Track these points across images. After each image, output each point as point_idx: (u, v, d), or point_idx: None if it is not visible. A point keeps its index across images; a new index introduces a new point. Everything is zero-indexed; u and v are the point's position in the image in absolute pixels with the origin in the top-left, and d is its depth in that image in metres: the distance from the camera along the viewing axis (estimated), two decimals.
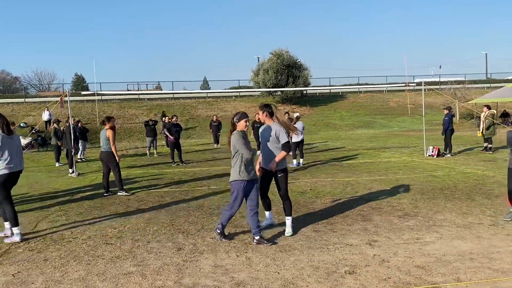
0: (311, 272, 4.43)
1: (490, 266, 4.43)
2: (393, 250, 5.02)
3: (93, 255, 5.19)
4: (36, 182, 11.34)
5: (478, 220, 6.22)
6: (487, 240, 5.29)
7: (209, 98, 37.38)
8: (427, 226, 5.99)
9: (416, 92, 37.79)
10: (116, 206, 7.90)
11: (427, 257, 4.77)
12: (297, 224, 6.23)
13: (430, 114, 28.94)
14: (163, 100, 36.27)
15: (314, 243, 5.39)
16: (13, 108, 31.51)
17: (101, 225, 6.57)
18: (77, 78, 69.75)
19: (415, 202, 7.44)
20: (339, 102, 37.72)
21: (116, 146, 9.08)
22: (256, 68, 36.92)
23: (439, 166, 11.80)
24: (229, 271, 4.51)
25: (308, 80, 36.55)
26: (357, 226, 6.10)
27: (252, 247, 5.29)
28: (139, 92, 33.36)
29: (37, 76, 73.82)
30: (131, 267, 4.72)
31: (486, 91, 37.51)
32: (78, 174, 12.40)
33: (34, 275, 4.59)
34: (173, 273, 4.50)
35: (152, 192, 9.27)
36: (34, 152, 20.37)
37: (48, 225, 6.71)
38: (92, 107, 30.85)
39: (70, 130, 12.71)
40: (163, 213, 7.22)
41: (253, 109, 33.12)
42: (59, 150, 14.89)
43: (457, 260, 4.64)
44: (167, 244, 5.50)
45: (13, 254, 5.31)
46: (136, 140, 25.11)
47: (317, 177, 10.48)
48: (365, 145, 18.84)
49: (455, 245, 5.14)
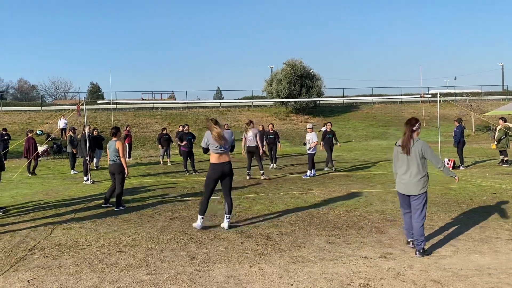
0: (324, 284, 4.38)
1: (509, 282, 4.33)
2: (409, 264, 4.94)
3: (107, 263, 5.21)
4: (51, 189, 11.48)
5: (496, 234, 6.10)
6: (506, 255, 5.17)
7: (222, 108, 37.60)
8: (443, 239, 5.89)
9: (431, 103, 37.50)
10: (130, 214, 7.95)
11: (443, 271, 4.69)
12: (310, 236, 6.19)
13: (445, 126, 28.64)
14: (177, 109, 36.59)
15: (328, 255, 5.34)
16: (30, 116, 32.08)
17: (115, 233, 6.61)
18: (92, 87, 70.87)
19: (431, 215, 7.33)
20: (352, 113, 37.58)
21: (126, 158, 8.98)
22: (270, 78, 37.06)
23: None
24: (242, 282, 4.49)
25: (322, 91, 36.58)
26: (371, 238, 6.03)
27: (265, 258, 5.26)
28: (153, 101, 33.80)
29: (53, 85, 75.26)
30: (144, 276, 4.72)
31: (502, 103, 37.06)
32: (92, 181, 12.52)
33: (48, 281, 4.63)
34: (186, 283, 4.50)
35: (165, 200, 9.30)
36: (50, 160, 20.65)
37: (62, 232, 6.77)
38: (108, 116, 31.26)
39: (85, 138, 12.87)
40: (176, 222, 7.24)
41: (266, 119, 33.19)
42: (75, 158, 15.07)
43: (474, 275, 4.54)
44: (180, 253, 5.51)
45: (28, 261, 5.37)
46: (150, 148, 25.29)
47: (330, 188, 10.41)
48: (379, 156, 18.68)
49: (472, 260, 5.04)
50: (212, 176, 6.65)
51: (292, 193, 9.87)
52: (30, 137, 14.85)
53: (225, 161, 6.67)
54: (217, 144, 6.52)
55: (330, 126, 14.39)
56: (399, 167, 5.48)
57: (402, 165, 5.42)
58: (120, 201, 8.54)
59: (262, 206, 8.38)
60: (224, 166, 6.65)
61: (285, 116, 35.11)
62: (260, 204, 8.59)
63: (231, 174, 6.77)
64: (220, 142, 6.50)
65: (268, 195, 9.67)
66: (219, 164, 6.63)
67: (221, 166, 6.64)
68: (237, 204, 8.64)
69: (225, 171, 6.66)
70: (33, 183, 12.73)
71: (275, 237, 6.18)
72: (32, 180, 13.48)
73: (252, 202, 8.82)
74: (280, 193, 9.84)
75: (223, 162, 6.65)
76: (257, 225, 6.87)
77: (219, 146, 6.54)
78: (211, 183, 6.68)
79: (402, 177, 5.40)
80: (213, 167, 6.65)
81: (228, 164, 6.70)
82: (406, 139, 5.37)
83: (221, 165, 6.64)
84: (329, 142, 14.13)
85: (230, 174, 6.75)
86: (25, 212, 8.40)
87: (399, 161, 5.49)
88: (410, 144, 5.32)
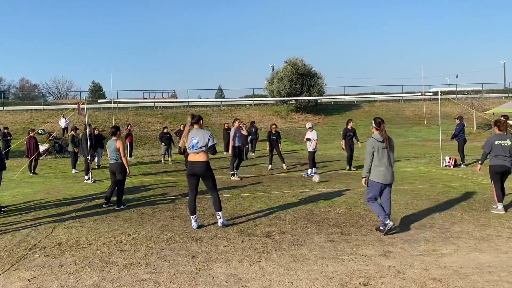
0: (325, 282, 4.38)
1: (509, 280, 4.32)
2: (409, 262, 4.94)
3: (107, 261, 5.22)
4: (53, 188, 11.50)
5: (497, 232, 6.09)
6: (506, 253, 5.16)
7: (223, 107, 37.57)
8: (444, 237, 5.89)
9: (432, 101, 37.43)
10: (130, 213, 7.96)
11: (443, 269, 4.68)
12: (311, 234, 6.19)
13: (447, 124, 28.58)
14: (178, 108, 36.59)
15: (328, 253, 5.33)
16: (32, 115, 32.11)
17: (115, 232, 6.62)
18: (94, 86, 70.97)
19: (431, 213, 7.33)
20: (354, 111, 37.52)
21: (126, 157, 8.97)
22: (271, 77, 37.00)
23: (456, 176, 11.62)
24: (242, 280, 4.49)
25: (323, 89, 36.49)
26: (372, 236, 6.02)
27: (266, 256, 5.26)
28: (154, 100, 33.80)
29: (55, 84, 75.41)
30: (144, 275, 4.73)
31: (504, 101, 36.94)
32: (93, 181, 12.54)
33: (49, 280, 4.64)
34: (186, 281, 4.50)
35: (166, 199, 9.31)
36: (51, 159, 20.68)
37: (63, 231, 6.78)
38: (109, 115, 31.28)
39: (86, 137, 12.88)
40: (177, 221, 7.24)
41: (267, 117, 33.18)
42: (76, 157, 15.09)
43: (475, 273, 4.54)
44: (181, 252, 5.51)
45: (29, 260, 5.38)
46: (151, 147, 25.31)
47: (331, 187, 10.40)
48: None
49: (472, 258, 5.03)
50: (187, 173, 6.73)
51: (292, 191, 9.87)
52: (31, 136, 14.86)
53: (197, 160, 6.55)
54: (186, 143, 6.57)
55: (351, 124, 13.97)
56: (380, 159, 6.07)
57: (382, 157, 6.08)
58: (121, 200, 8.55)
59: (262, 205, 8.38)
60: (195, 166, 6.56)
61: (286, 115, 35.08)
62: (260, 203, 8.58)
63: (206, 174, 6.58)
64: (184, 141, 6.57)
65: (269, 193, 9.67)
66: (190, 162, 6.65)
67: (192, 165, 6.60)
68: (238, 202, 8.64)
69: (196, 172, 6.57)
70: (35, 182, 12.75)
71: (275, 235, 6.18)
72: (34, 179, 13.50)
73: (253, 201, 8.82)
74: (281, 192, 9.84)
75: (194, 161, 6.57)
76: (257, 224, 6.87)
77: (190, 146, 6.52)
78: (188, 180, 6.71)
79: (383, 169, 6.07)
80: (188, 164, 6.77)
81: (200, 164, 6.53)
82: (386, 135, 6.17)
83: (192, 164, 6.60)
84: (350, 141, 13.72)
85: (205, 174, 6.58)
86: (26, 211, 8.41)
87: (379, 155, 6.08)
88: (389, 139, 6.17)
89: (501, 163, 7.32)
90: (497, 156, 7.34)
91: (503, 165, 7.31)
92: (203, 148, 6.50)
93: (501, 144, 7.33)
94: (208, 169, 6.59)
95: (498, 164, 7.33)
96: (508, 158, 7.29)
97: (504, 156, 7.29)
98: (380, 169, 6.06)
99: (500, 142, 7.34)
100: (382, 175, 6.06)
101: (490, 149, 7.42)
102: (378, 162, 6.08)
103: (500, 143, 7.34)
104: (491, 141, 7.43)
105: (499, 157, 7.32)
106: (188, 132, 6.59)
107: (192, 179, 6.64)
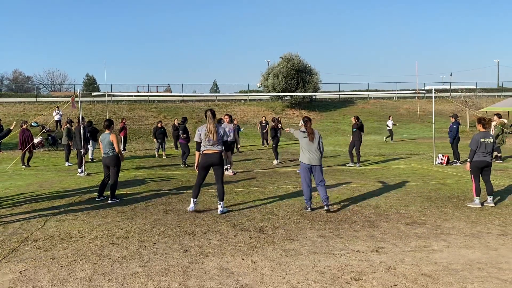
0: (316, 277, 4.41)
1: (498, 276, 4.38)
2: (400, 258, 4.98)
3: (99, 254, 5.22)
4: (45, 181, 11.45)
5: (487, 229, 6.16)
6: (496, 250, 5.22)
7: (218, 101, 37.50)
8: (435, 234, 5.94)
9: (426, 99, 37.58)
10: (123, 207, 7.94)
11: (434, 265, 4.73)
12: (303, 229, 6.22)
13: (440, 122, 28.74)
14: (173, 103, 36.47)
15: (320, 248, 5.37)
16: (25, 108, 31.86)
17: (108, 225, 6.61)
18: (88, 79, 70.47)
19: (423, 210, 7.38)
20: (348, 108, 37.60)
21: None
22: (266, 72, 36.96)
23: (448, 174, 11.71)
24: (234, 274, 4.51)
25: (318, 85, 36.52)
26: (364, 232, 6.06)
27: (258, 251, 5.29)
28: (149, 94, 33.66)
29: (49, 76, 74.89)
30: (137, 268, 4.73)
31: (497, 99, 37.20)
32: (87, 174, 12.49)
33: (41, 273, 4.63)
34: (178, 275, 4.51)
35: (159, 193, 9.30)
36: (44, 151, 20.56)
37: (56, 224, 6.76)
38: (103, 108, 31.12)
39: (80, 130, 12.82)
40: (170, 215, 7.25)
41: (261, 113, 33.17)
42: (69, 150, 15.02)
43: (464, 269, 4.59)
44: (173, 246, 5.52)
45: (21, 252, 5.36)
46: (145, 141, 25.23)
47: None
48: (374, 152, 18.75)
49: (463, 254, 5.09)
50: (202, 165, 7.20)
51: (286, 187, 9.89)
52: (25, 128, 14.77)
53: (214, 152, 7.12)
54: (207, 138, 7.10)
55: (354, 119, 13.90)
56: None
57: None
58: (114, 193, 8.53)
59: (256, 200, 8.40)
60: (211, 156, 7.13)
61: (281, 110, 35.09)
62: (254, 198, 8.60)
63: (220, 163, 7.21)
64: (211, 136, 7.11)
65: (262, 188, 9.69)
66: (205, 155, 7.16)
67: (208, 157, 7.14)
68: (231, 197, 8.66)
69: (213, 161, 7.13)
70: (27, 175, 12.68)
71: (268, 230, 6.20)
72: (26, 172, 13.43)
73: (246, 196, 8.84)
74: (275, 187, 9.86)
75: (210, 153, 7.12)
76: (250, 219, 6.89)
77: (209, 140, 7.08)
78: (200, 172, 7.22)
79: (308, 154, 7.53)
80: (202, 156, 7.21)
81: (216, 155, 7.12)
82: (312, 129, 7.57)
83: (207, 156, 7.15)
84: (354, 137, 13.77)
85: (219, 163, 7.18)
86: (19, 204, 8.38)
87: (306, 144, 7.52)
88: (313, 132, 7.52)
89: (482, 159, 7.73)
90: (479, 153, 7.74)
91: (483, 161, 7.73)
92: (220, 141, 7.24)
93: (485, 142, 7.68)
94: (222, 159, 7.29)
95: (479, 160, 7.74)
96: (488, 154, 7.74)
97: (486, 152, 7.72)
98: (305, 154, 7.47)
99: (484, 140, 7.69)
100: (306, 158, 7.43)
101: (477, 146, 7.71)
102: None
103: (484, 140, 7.69)
104: (477, 138, 7.74)
105: (481, 154, 7.72)
106: (213, 127, 7.12)
107: (204, 171, 7.26)
